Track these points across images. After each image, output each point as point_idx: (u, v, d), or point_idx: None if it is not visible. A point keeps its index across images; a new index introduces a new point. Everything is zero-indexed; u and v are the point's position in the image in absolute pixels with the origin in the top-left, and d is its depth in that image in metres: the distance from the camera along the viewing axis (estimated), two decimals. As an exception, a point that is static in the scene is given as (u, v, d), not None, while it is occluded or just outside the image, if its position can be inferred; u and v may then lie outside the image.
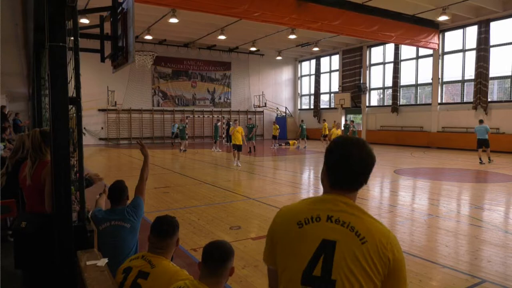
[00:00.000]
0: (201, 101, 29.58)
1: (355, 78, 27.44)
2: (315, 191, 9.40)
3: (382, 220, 6.59)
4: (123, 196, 3.32)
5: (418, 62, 23.73)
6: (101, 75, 23.88)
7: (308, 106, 33.39)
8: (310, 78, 32.72)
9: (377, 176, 11.77)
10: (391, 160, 16.01)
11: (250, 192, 8.97)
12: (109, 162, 16.51)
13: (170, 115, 28.21)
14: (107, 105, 25.18)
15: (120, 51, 4.21)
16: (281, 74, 33.12)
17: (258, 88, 31.42)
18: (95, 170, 12.47)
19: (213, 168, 13.82)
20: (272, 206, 7.50)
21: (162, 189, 9.43)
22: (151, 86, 27.50)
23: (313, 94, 31.47)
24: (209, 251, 2.07)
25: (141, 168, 3.50)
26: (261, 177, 11.29)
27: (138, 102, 26.80)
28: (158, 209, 7.33)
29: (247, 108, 31.37)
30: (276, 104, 31.96)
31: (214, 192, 8.94)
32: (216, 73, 30.07)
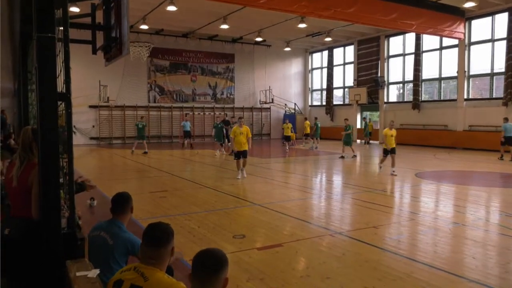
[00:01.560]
0: (202, 97, 29.65)
1: (371, 71, 27.33)
2: (327, 196, 9.37)
3: (402, 229, 6.56)
4: (124, 208, 3.33)
5: (441, 54, 23.59)
6: (93, 68, 23.99)
7: (320, 102, 33.30)
8: (321, 72, 32.65)
9: (397, 180, 11.71)
10: (412, 163, 15.91)
11: (256, 197, 8.96)
12: (101, 163, 16.59)
13: (168, 112, 28.31)
14: (99, 101, 25.32)
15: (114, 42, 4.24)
16: (290, 67, 33.08)
17: (264, 82, 31.42)
18: (86, 172, 12.56)
19: (215, 171, 13.82)
20: (280, 213, 7.49)
21: (158, 193, 9.46)
22: (146, 80, 27.62)
23: (325, 89, 31.39)
24: (200, 260, 2.06)
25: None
26: (268, 181, 11.28)
27: (132, 97, 26.94)
28: (154, 215, 7.35)
29: (252, 105, 31.38)
30: (284, 100, 31.94)
31: (216, 197, 8.94)
32: (218, 66, 30.12)
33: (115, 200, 3.36)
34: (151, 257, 2.38)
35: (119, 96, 26.39)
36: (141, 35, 25.65)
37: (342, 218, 7.28)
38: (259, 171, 13.66)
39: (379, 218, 7.21)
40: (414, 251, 5.42)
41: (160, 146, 25.34)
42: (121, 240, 3.15)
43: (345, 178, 12.73)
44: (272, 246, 5.54)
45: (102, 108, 26.01)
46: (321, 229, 6.45)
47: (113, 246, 3.12)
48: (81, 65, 23.26)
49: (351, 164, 15.98)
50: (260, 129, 31.28)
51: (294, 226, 6.68)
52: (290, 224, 6.82)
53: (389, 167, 12.50)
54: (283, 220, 7.02)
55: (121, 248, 3.12)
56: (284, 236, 6.10)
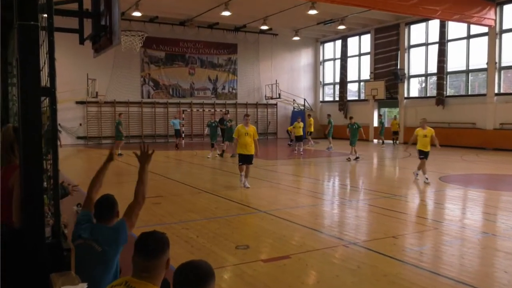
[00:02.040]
0: (201, 92, 29.72)
1: (390, 62, 27.26)
2: (340, 202, 9.36)
3: (424, 239, 6.53)
4: (109, 213, 3.35)
5: (469, 43, 23.47)
6: (80, 60, 24.10)
7: (332, 98, 33.25)
8: (334, 63, 32.61)
9: (418, 184, 11.66)
10: (435, 165, 15.85)
11: (261, 203, 8.96)
12: (89, 165, 16.65)
13: (163, 109, 28.39)
14: (87, 97, 25.46)
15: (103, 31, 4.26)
16: (299, 58, 33.06)
17: (270, 75, 31.43)
18: (73, 176, 12.61)
19: (215, 174, 13.83)
20: (287, 220, 7.48)
21: (152, 199, 9.49)
22: (139, 73, 27.73)
23: (338, 82, 31.36)
24: (184, 274, 2.05)
25: (139, 176, 3.54)
26: (274, 185, 11.28)
27: (124, 93, 27.05)
28: (148, 223, 7.38)
29: (257, 100, 31.40)
30: (292, 95, 31.94)
31: (216, 203, 8.96)
32: (219, 57, 30.17)
33: (99, 204, 3.38)
34: (143, 270, 2.37)
35: (109, 91, 26.52)
36: (133, 23, 25.74)
37: (357, 226, 7.26)
38: (264, 174, 13.65)
39: (399, 227, 7.18)
40: (438, 264, 5.39)
41: (155, 146, 25.37)
42: (109, 242, 3.19)
43: (360, 182, 12.67)
44: (279, 258, 5.54)
45: (90, 104, 26.14)
46: (334, 239, 6.44)
47: (103, 252, 3.15)
48: (67, 56, 23.34)
49: (368, 167, 15.93)
50: (265, 128, 31.30)
51: (304, 235, 6.67)
52: (299, 233, 6.81)
53: (419, 174, 12.13)
54: (291, 229, 7.02)
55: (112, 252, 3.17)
56: (292, 246, 6.10)
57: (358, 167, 15.65)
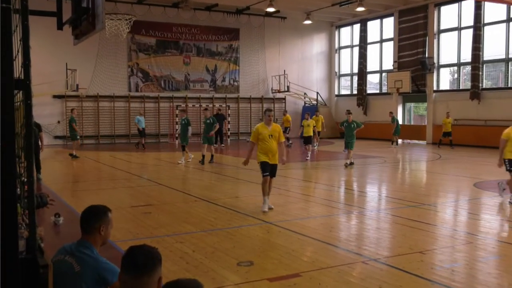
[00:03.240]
0: (197, 84, 29.79)
1: (417, 50, 27.20)
2: (359, 212, 9.34)
3: (456, 255, 6.51)
4: (88, 226, 3.35)
5: (509, 27, 23.37)
6: (58, 48, 24.20)
7: (350, 91, 33.20)
8: (352, 51, 32.56)
9: (450, 191, 11.62)
10: (469, 169, 15.79)
11: (267, 213, 8.98)
12: (69, 169, 16.72)
13: (153, 103, 28.47)
14: (66, 90, 25.57)
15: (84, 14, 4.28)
16: (311, 45, 33.05)
17: (277, 65, 31.46)
18: (50, 181, 12.69)
19: (214, 179, 13.85)
20: (297, 233, 7.48)
21: (142, 208, 9.50)
22: (126, 63, 27.83)
23: (357, 73, 31.32)
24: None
25: None
26: (282, 192, 11.28)
27: (109, 85, 27.15)
28: (136, 236, 7.40)
29: (262, 94, 31.42)
30: (303, 88, 31.95)
31: (216, 213, 8.97)
32: (219, 44, 30.22)
33: (82, 215, 3.39)
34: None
35: (92, 83, 26.63)
36: (119, 5, 25.84)
37: (379, 240, 7.25)
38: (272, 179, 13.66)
39: (427, 240, 7.16)
40: (472, 284, 5.38)
41: (144, 147, 25.44)
42: (91, 267, 3.17)
43: (382, 188, 12.64)
44: (287, 277, 5.53)
45: (70, 99, 26.25)
46: (351, 254, 6.44)
47: (81, 273, 3.14)
48: (44, 44, 23.45)
49: (391, 172, 15.89)
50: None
51: (316, 250, 6.67)
52: (311, 247, 6.81)
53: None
54: (302, 242, 7.02)
55: (90, 277, 3.14)
56: (303, 263, 6.09)
57: (380, 171, 15.61)
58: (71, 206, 9.53)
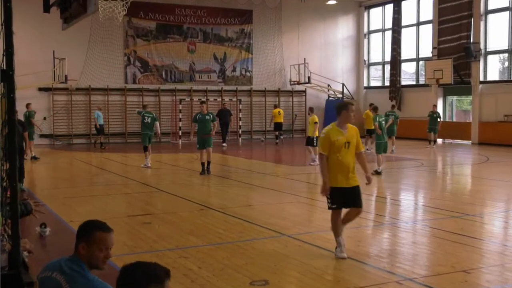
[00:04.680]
0: (204, 74, 29.83)
1: (460, 34, 26.94)
2: (391, 223, 9.29)
3: (507, 274, 6.44)
4: (82, 238, 3.38)
5: None
6: (45, 34, 24.38)
7: (381, 83, 32.97)
8: (383, 36, 32.35)
9: (499, 200, 11.49)
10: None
11: (284, 224, 8.93)
12: (57, 173, 16.83)
13: (154, 97, 28.55)
14: (53, 82, 25.73)
15: (75, -6, 4.31)
16: (335, 29, 32.89)
17: (296, 52, 31.39)
18: (35, 186, 12.79)
19: (223, 185, 13.84)
20: (320, 247, 7.46)
21: (140, 217, 9.54)
22: (123, 50, 27.95)
23: (389, 62, 31.11)
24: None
25: None
26: (301, 200, 11.25)
27: (102, 76, 27.29)
28: (134, 250, 7.43)
29: (278, 86, 31.36)
30: (327, 79, 31.82)
31: (225, 224, 8.97)
32: (228, 29, 30.23)
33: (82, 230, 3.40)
34: None
35: (83, 74, 26.78)
36: (114, -16, 25.94)
37: (415, 257, 7.20)
38: (289, 185, 13.60)
39: (472, 257, 7.10)
40: (526, 309, 5.31)
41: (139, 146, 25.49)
42: (81, 287, 3.19)
43: (418, 196, 12.54)
44: (308, 298, 5.52)
45: (57, 92, 26.45)
46: (383, 273, 6.40)
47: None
48: (28, 29, 23.63)
49: (430, 176, 15.77)
50: (291, 123, 31.24)
51: (342, 268, 6.64)
52: (336, 265, 6.78)
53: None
54: (324, 258, 6.99)
55: None
56: (326, 283, 6.07)
57: (416, 176, 15.50)
58: (59, 215, 9.58)
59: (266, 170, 16.88)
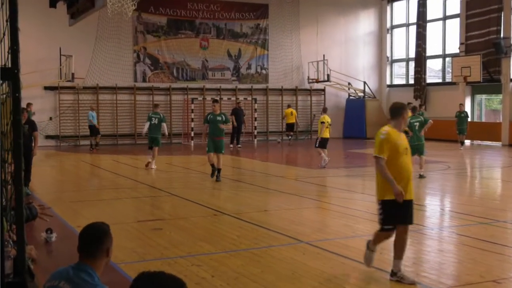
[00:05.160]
0: (217, 72, 29.88)
1: (489, 29, 26.71)
2: (416, 229, 9.20)
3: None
4: (98, 249, 3.38)
5: None
6: (51, 30, 24.56)
7: (405, 81, 32.76)
8: (407, 31, 32.16)
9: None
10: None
11: (302, 230, 8.92)
12: (63, 175, 16.96)
13: (164, 96, 28.65)
14: (59, 80, 25.92)
15: (83, -12, 4.33)
16: (356, 24, 32.78)
17: (315, 49, 31.32)
18: (40, 190, 12.90)
19: (238, 189, 13.84)
20: (340, 255, 7.43)
21: (150, 223, 9.57)
22: (132, 47, 28.10)
23: (414, 58, 30.91)
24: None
25: None
26: (320, 205, 11.22)
27: (110, 74, 27.44)
28: (144, 257, 7.45)
29: (296, 85, 31.34)
30: (347, 77, 31.73)
31: (240, 230, 8.97)
32: (243, 24, 30.25)
33: (85, 236, 3.42)
34: None
35: (91, 72, 26.96)
36: (123, -22, 26.07)
37: (441, 265, 7.15)
38: (307, 189, 13.57)
39: (502, 266, 7.05)
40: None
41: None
42: None
43: (445, 201, 12.46)
44: (327, 309, 5.50)
45: (64, 91, 26.64)
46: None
47: None
48: (34, 25, 23.83)
49: (456, 180, 15.65)
50: (309, 123, 31.19)
51: (364, 276, 6.62)
52: (358, 274, 6.77)
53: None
54: (345, 267, 6.98)
55: None
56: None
57: (442, 180, 15.39)
58: (65, 220, 9.65)
59: (283, 173, 16.83)
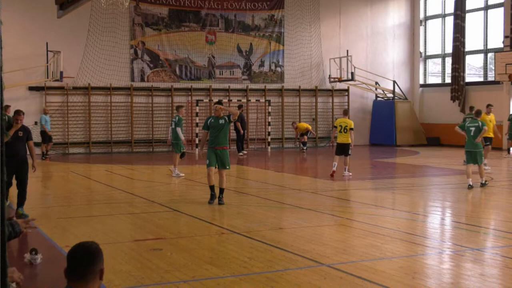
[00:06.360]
0: (226, 70, 29.94)
1: (539, 19, 26.64)
2: (454, 250, 9.18)
3: None
4: (89, 272, 3.42)
5: None
6: (37, 23, 24.74)
7: (441, 79, 32.68)
8: (444, 23, 32.11)
9: None
10: None
11: (323, 251, 8.91)
12: (50, 188, 17.02)
13: (165, 97, 28.73)
14: (46, 79, 26.03)
15: (73, -23, 4.40)
16: (385, 15, 32.78)
17: (337, 44, 31.36)
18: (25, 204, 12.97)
19: (248, 203, 13.86)
20: (367, 280, 7.42)
21: (149, 242, 9.58)
22: (129, 42, 28.23)
23: (451, 54, 30.82)
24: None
25: None
26: (343, 222, 11.20)
27: (104, 73, 27.61)
28: (142, 281, 7.47)
29: (315, 85, 31.34)
30: (374, 76, 31.69)
31: (251, 251, 8.97)
32: (255, 15, 30.32)
33: (75, 257, 3.46)
34: None
35: (82, 70, 27.12)
36: (118, -37, 26.25)
37: (483, 292, 7.13)
38: (327, 204, 13.59)
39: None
40: None
41: (152, 158, 25.72)
42: None
43: (487, 217, 12.39)
44: None
45: (51, 92, 26.83)
46: (443, 312, 6.35)
47: None
48: (18, 18, 24.02)
49: (499, 194, 15.56)
50: (330, 129, 31.13)
51: (393, 305, 6.61)
52: (385, 301, 6.76)
53: None
54: (371, 294, 6.96)
55: None
56: (373, 323, 6.05)
57: (484, 193, 15.30)
58: (52, 239, 9.69)
59: (300, 185, 16.77)
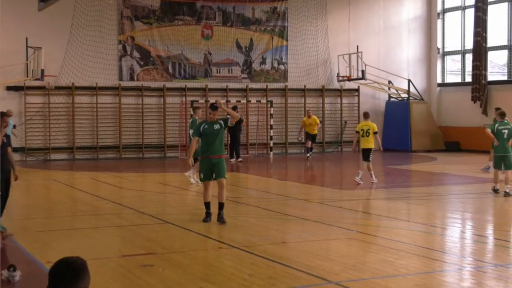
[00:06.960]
0: (223, 68, 29.98)
1: None
2: (476, 267, 9.12)
3: None
4: (71, 287, 3.37)
5: None
6: (15, 16, 24.76)
7: (460, 78, 32.68)
8: (463, 16, 32.15)
9: None
10: None
11: (332, 268, 8.87)
12: (29, 200, 16.99)
13: (157, 98, 28.75)
14: (26, 78, 26.03)
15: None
16: (399, 7, 32.84)
17: (347, 39, 31.38)
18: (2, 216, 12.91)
19: (248, 215, 13.82)
20: (379, 301, 7.37)
21: (138, 258, 9.54)
22: (116, 37, 28.25)
23: (471, 50, 30.81)
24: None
25: None
26: (354, 235, 11.20)
27: (89, 71, 27.60)
28: (130, 302, 7.42)
29: (322, 84, 31.36)
30: (387, 74, 31.70)
31: (251, 267, 8.93)
32: (256, 8, 30.36)
33: (56, 273, 3.39)
34: None
35: (64, 68, 27.17)
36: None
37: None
38: (336, 215, 13.58)
39: None
40: None
41: (143, 164, 25.77)
42: None
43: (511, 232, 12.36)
44: None
45: (31, 92, 26.87)
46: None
47: None
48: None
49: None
50: (339, 132, 31.14)
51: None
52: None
53: None
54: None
55: None
56: None
57: (507, 204, 15.26)
58: (32, 254, 9.62)
59: (305, 194, 16.77)
